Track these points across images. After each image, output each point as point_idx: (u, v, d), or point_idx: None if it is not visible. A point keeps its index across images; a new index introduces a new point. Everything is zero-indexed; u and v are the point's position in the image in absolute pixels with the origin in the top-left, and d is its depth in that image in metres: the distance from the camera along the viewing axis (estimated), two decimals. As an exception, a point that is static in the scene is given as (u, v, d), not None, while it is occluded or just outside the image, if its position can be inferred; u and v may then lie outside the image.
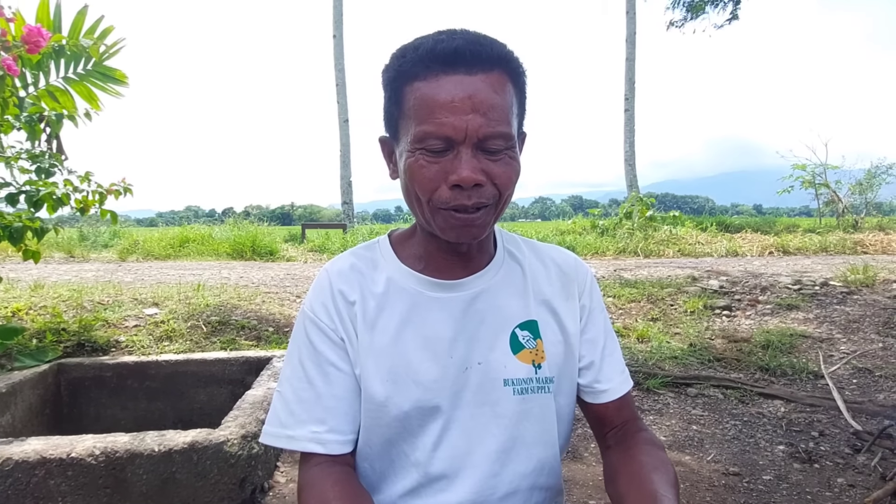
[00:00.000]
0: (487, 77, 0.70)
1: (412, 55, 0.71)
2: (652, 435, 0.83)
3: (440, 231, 0.75)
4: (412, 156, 0.71)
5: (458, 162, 0.69)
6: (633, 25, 14.02)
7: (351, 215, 13.62)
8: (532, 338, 0.82)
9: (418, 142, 0.70)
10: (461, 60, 0.69)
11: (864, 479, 2.12)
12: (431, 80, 0.69)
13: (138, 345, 3.01)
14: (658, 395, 2.97)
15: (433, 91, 0.69)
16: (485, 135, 0.69)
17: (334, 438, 0.77)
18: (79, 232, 10.16)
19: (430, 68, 0.69)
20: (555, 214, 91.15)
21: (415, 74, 0.70)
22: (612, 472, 0.79)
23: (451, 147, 0.70)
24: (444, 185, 0.71)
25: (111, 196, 2.57)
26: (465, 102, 0.68)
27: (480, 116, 0.68)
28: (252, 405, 1.94)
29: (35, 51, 2.01)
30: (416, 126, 0.70)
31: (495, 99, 0.69)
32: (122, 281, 5.00)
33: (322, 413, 0.78)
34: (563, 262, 0.90)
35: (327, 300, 0.81)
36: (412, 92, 0.71)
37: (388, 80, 0.74)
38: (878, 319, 3.98)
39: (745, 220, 12.37)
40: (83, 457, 1.54)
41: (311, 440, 0.77)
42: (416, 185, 0.72)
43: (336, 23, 13.63)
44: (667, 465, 0.75)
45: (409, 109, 0.71)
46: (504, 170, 0.72)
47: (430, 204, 0.73)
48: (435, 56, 0.69)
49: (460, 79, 0.69)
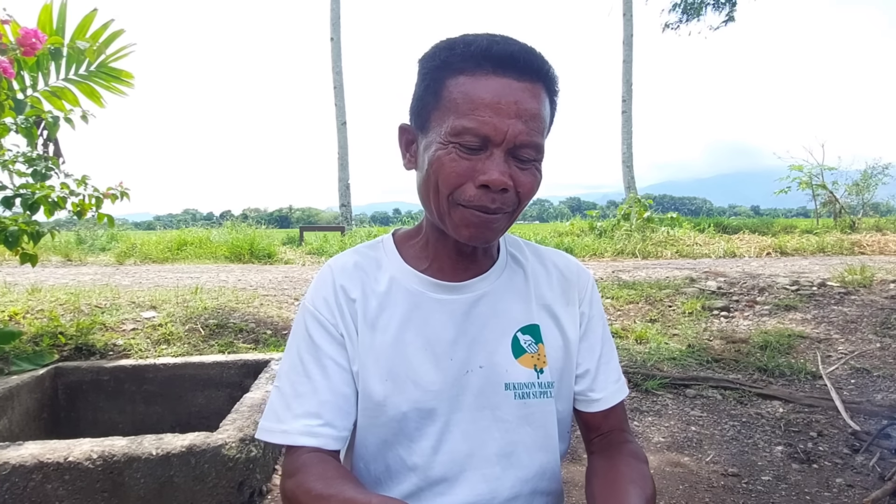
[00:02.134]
0: (533, 87, 0.70)
1: (462, 49, 0.70)
2: (637, 447, 0.84)
3: (454, 228, 0.74)
4: (443, 147, 0.70)
5: (491, 163, 0.69)
6: (631, 28, 14.07)
7: (349, 218, 13.62)
8: (534, 342, 0.82)
9: (455, 135, 0.69)
10: (513, 65, 0.69)
11: (863, 479, 2.12)
12: (480, 77, 0.69)
13: (136, 348, 2.99)
14: (657, 397, 2.97)
15: (480, 88, 0.68)
16: (522, 142, 0.69)
17: (328, 433, 0.76)
18: (76, 235, 10.14)
19: (480, 66, 0.69)
20: (553, 216, 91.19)
21: (462, 69, 0.70)
22: (591, 478, 0.80)
23: (486, 147, 0.70)
24: (471, 183, 0.70)
25: (108, 200, 2.56)
26: (510, 106, 0.68)
27: (522, 123, 0.69)
28: (250, 408, 1.93)
29: (31, 53, 2.01)
30: (454, 119, 0.69)
31: (537, 109, 0.70)
32: (120, 284, 4.99)
33: (317, 407, 0.76)
34: (564, 268, 0.89)
35: (329, 295, 0.81)
36: (457, 85, 0.70)
37: (430, 69, 0.73)
38: (875, 320, 3.99)
39: (743, 222, 12.40)
40: (81, 461, 1.53)
41: (303, 433, 0.75)
42: (442, 178, 0.71)
43: (333, 26, 13.65)
44: (646, 479, 0.75)
45: (450, 102, 0.70)
46: (529, 179, 0.72)
47: (450, 198, 0.72)
48: (489, 55, 0.69)
49: (509, 83, 0.69)
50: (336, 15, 13.67)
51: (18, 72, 2.17)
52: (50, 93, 2.51)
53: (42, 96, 2.48)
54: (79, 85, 2.56)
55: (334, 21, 13.66)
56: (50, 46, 2.26)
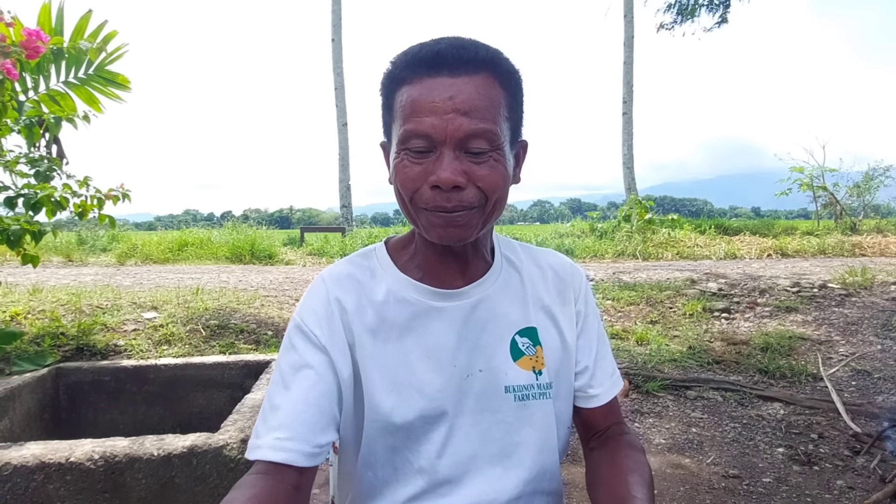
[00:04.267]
0: (472, 79, 0.70)
1: (402, 60, 0.73)
2: (633, 437, 0.85)
3: (424, 231, 0.75)
4: (398, 156, 0.73)
5: (440, 163, 0.69)
6: (631, 29, 14.06)
7: (350, 218, 13.62)
8: (532, 344, 0.83)
9: (402, 143, 0.71)
10: (444, 63, 0.70)
11: (864, 481, 2.13)
12: (416, 83, 0.70)
13: (137, 349, 3.00)
14: (657, 398, 2.97)
15: (417, 93, 0.70)
16: (465, 133, 0.68)
17: (295, 447, 0.71)
18: (77, 236, 10.15)
19: (415, 72, 0.71)
20: (553, 217, 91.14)
21: (403, 79, 0.72)
22: (594, 474, 0.81)
23: (434, 148, 0.70)
24: (426, 186, 0.71)
25: (109, 201, 2.56)
26: (446, 103, 0.68)
27: (461, 116, 0.68)
28: (251, 409, 1.93)
29: (34, 56, 2.01)
30: (401, 127, 0.71)
31: (478, 100, 0.69)
32: (121, 285, 4.99)
33: (289, 418, 0.72)
34: (559, 267, 0.90)
35: (319, 306, 0.80)
36: (400, 95, 0.72)
37: (383, 85, 0.76)
38: (876, 321, 3.99)
39: (744, 223, 12.38)
40: (82, 461, 1.53)
41: (272, 447, 0.70)
42: (400, 185, 0.73)
43: (335, 27, 13.67)
44: (643, 466, 0.77)
45: (397, 112, 0.72)
46: (488, 172, 0.71)
47: (412, 203, 0.74)
48: (420, 60, 0.71)
49: (442, 80, 0.69)
50: (337, 16, 13.68)
51: (21, 73, 2.18)
52: (49, 97, 2.51)
53: (41, 100, 2.49)
54: (77, 90, 2.57)
55: (335, 22, 13.67)
56: (52, 47, 2.26)
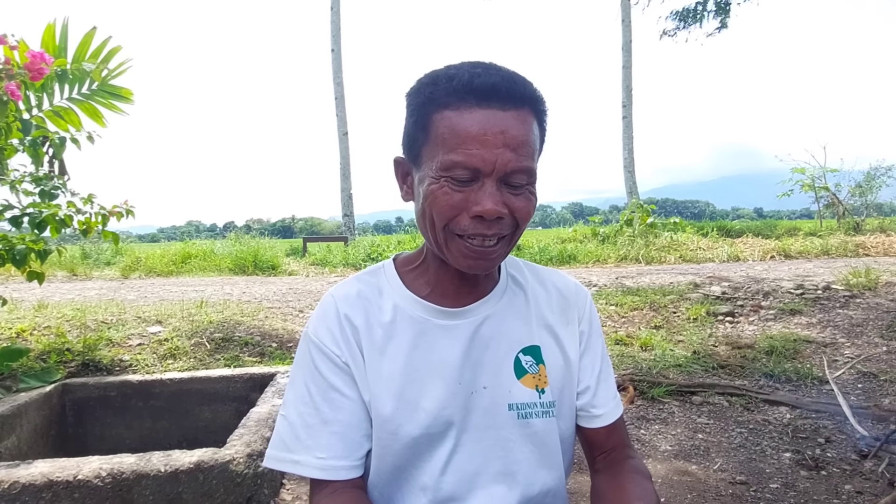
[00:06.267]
0: (518, 114, 0.71)
1: (446, 85, 0.71)
2: (640, 463, 0.85)
3: (453, 259, 0.76)
4: (436, 182, 0.72)
5: (483, 193, 0.70)
6: (629, 34, 14.13)
7: (352, 227, 13.66)
8: (535, 363, 0.83)
9: (445, 170, 0.71)
10: (496, 96, 0.70)
11: (872, 485, 2.11)
12: (465, 111, 0.70)
13: (142, 363, 3.01)
14: (663, 404, 2.96)
15: (466, 122, 0.69)
16: (512, 169, 0.70)
17: (341, 465, 0.77)
18: (81, 250, 10.21)
19: (464, 100, 0.70)
20: (555, 222, 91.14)
21: (447, 104, 0.71)
22: (598, 498, 0.82)
23: (477, 178, 0.71)
24: (465, 214, 0.72)
25: (113, 218, 2.59)
26: (497, 137, 0.69)
27: (510, 151, 0.69)
28: (257, 423, 1.94)
29: (38, 77, 2.04)
30: (443, 154, 0.70)
31: (524, 135, 0.71)
32: (125, 299, 5.01)
33: (328, 439, 0.78)
34: (563, 288, 0.91)
35: (332, 325, 0.82)
36: (442, 120, 0.71)
37: (416, 105, 0.74)
38: (881, 323, 3.97)
39: (746, 225, 12.36)
40: (90, 479, 1.54)
41: (317, 467, 0.77)
42: (436, 211, 0.73)
43: (334, 37, 13.76)
44: (650, 494, 0.76)
45: (438, 137, 0.71)
46: (524, 204, 0.73)
47: (445, 230, 0.74)
48: (472, 89, 0.70)
49: (493, 113, 0.70)
50: (336, 27, 13.78)
51: (24, 93, 2.21)
52: (53, 113, 2.54)
53: (46, 116, 2.52)
54: (81, 105, 2.60)
55: (335, 33, 13.77)
56: (56, 69, 2.29)
